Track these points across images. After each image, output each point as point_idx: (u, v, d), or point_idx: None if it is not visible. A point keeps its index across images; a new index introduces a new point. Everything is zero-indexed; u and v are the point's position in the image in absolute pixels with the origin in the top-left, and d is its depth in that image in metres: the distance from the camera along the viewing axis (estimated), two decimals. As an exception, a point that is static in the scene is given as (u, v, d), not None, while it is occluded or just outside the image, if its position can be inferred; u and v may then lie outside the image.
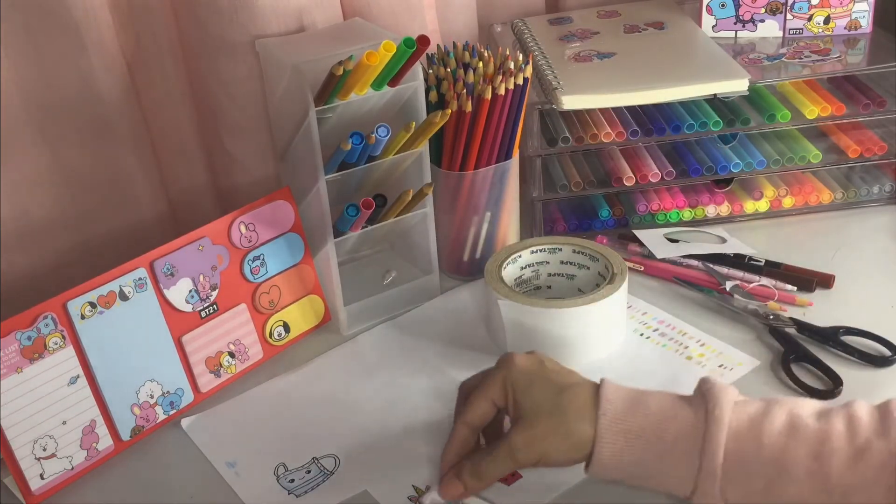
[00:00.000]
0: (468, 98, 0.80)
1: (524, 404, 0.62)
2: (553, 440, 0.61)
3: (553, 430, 0.61)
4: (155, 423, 0.74)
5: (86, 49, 0.77)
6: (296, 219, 0.81)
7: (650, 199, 0.97)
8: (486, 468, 0.63)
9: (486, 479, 0.63)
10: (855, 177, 0.99)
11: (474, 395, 0.65)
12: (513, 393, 0.63)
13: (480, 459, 0.63)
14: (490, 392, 0.65)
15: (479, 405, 0.65)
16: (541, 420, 0.61)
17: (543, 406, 0.62)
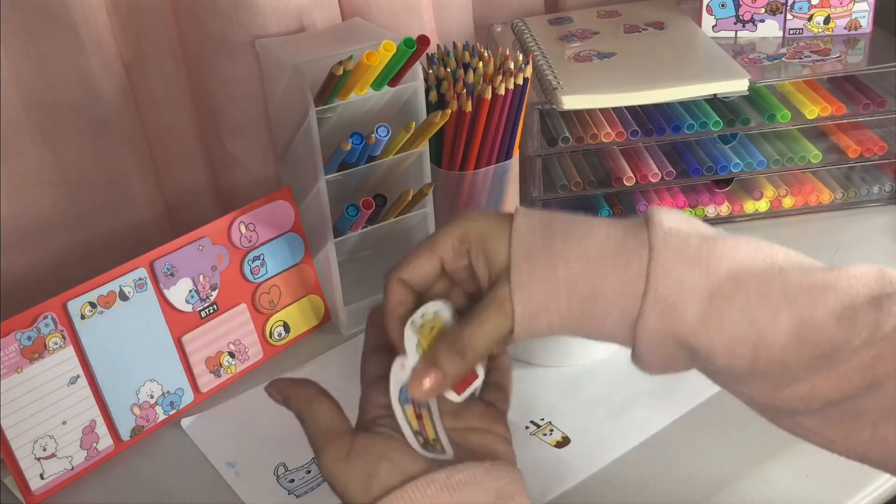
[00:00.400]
0: (468, 98, 0.80)
1: (499, 253, 0.51)
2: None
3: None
4: (155, 423, 0.74)
5: (85, 49, 0.77)
6: (296, 219, 0.81)
7: (650, 199, 0.97)
8: (471, 338, 0.50)
9: (472, 354, 0.50)
10: (855, 177, 0.99)
11: (415, 250, 0.53)
12: (481, 244, 0.52)
13: (459, 332, 0.50)
14: (440, 245, 0.52)
15: (421, 261, 0.53)
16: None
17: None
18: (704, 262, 0.49)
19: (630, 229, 0.50)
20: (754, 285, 0.48)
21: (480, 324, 0.50)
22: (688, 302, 0.48)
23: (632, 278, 0.49)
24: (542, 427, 0.72)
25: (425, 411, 0.52)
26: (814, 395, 0.47)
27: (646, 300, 0.48)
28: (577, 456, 0.69)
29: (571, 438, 0.71)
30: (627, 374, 0.76)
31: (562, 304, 0.50)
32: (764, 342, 0.47)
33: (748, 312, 0.47)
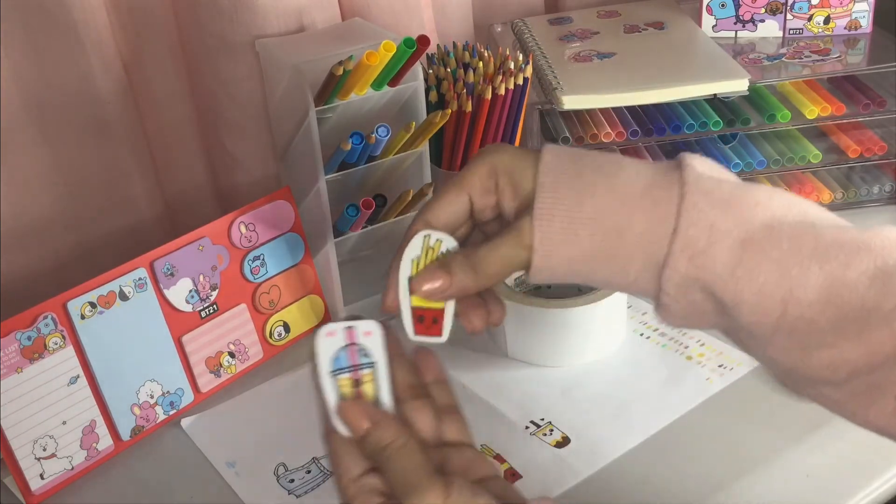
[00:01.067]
0: (468, 98, 0.80)
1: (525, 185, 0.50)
2: None
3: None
4: (155, 423, 0.74)
5: (85, 49, 0.77)
6: (296, 219, 0.81)
7: (650, 199, 0.96)
8: (485, 256, 0.50)
9: (484, 273, 0.50)
10: (855, 177, 0.99)
11: (441, 190, 0.52)
12: (509, 178, 0.51)
13: (474, 249, 0.50)
14: (467, 180, 0.51)
15: (449, 199, 0.51)
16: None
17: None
18: (738, 208, 0.47)
19: (661, 169, 0.49)
20: (787, 237, 0.46)
21: (498, 247, 0.49)
22: (719, 248, 0.47)
23: (661, 218, 0.47)
24: (542, 427, 0.72)
25: (368, 374, 0.49)
26: (840, 363, 0.46)
27: (675, 242, 0.47)
28: (577, 456, 0.69)
29: (571, 438, 0.71)
30: (627, 374, 0.76)
31: (583, 239, 0.48)
32: (793, 297, 0.46)
33: (780, 264, 0.46)
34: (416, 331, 0.52)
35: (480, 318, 0.52)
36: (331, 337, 0.49)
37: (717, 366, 0.76)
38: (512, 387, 0.76)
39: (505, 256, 0.50)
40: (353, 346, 0.49)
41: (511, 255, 0.49)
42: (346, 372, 0.49)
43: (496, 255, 0.49)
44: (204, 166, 0.91)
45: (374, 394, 0.49)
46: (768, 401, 0.72)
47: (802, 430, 0.69)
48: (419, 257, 0.51)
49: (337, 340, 0.49)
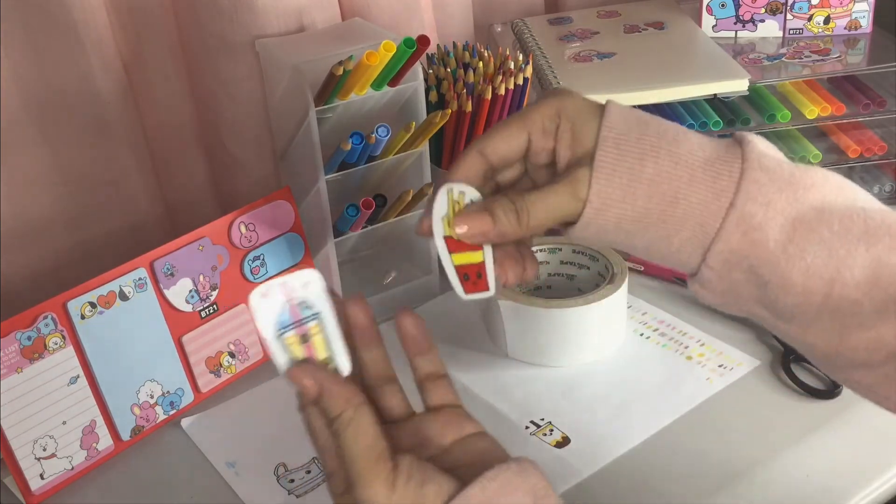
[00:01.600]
0: (468, 98, 0.80)
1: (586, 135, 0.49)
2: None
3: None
4: (155, 423, 0.74)
5: (85, 49, 0.77)
6: (296, 219, 0.81)
7: (650, 199, 0.96)
8: (532, 202, 0.49)
9: (528, 219, 0.49)
10: (855, 177, 0.99)
11: (502, 122, 0.51)
12: (571, 124, 0.50)
13: (522, 194, 0.49)
14: (531, 118, 0.50)
15: (509, 132, 0.50)
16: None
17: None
18: (794, 188, 0.48)
19: (723, 144, 0.49)
20: (837, 219, 0.47)
21: (547, 194, 0.48)
22: (773, 225, 0.47)
23: (719, 191, 0.48)
24: (542, 427, 0.72)
25: (315, 326, 0.47)
26: (879, 345, 0.46)
27: (730, 216, 0.47)
28: (577, 456, 0.69)
29: (571, 438, 0.71)
30: (627, 374, 0.76)
31: (639, 198, 0.48)
32: (840, 277, 0.46)
33: (829, 245, 0.47)
34: (465, 290, 0.51)
35: (515, 272, 0.51)
36: (266, 298, 0.46)
37: (717, 366, 0.76)
38: (512, 387, 0.76)
39: (555, 205, 0.49)
40: (292, 302, 0.47)
41: (562, 203, 0.49)
42: (290, 329, 0.47)
43: (545, 203, 0.48)
44: (204, 166, 0.91)
45: (325, 345, 0.47)
46: (768, 401, 0.72)
47: (802, 431, 0.69)
48: (447, 215, 0.51)
49: (273, 300, 0.46)
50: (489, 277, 0.52)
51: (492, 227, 0.49)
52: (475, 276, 0.51)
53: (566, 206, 0.49)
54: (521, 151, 0.51)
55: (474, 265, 0.51)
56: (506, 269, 0.51)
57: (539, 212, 0.49)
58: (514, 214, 0.49)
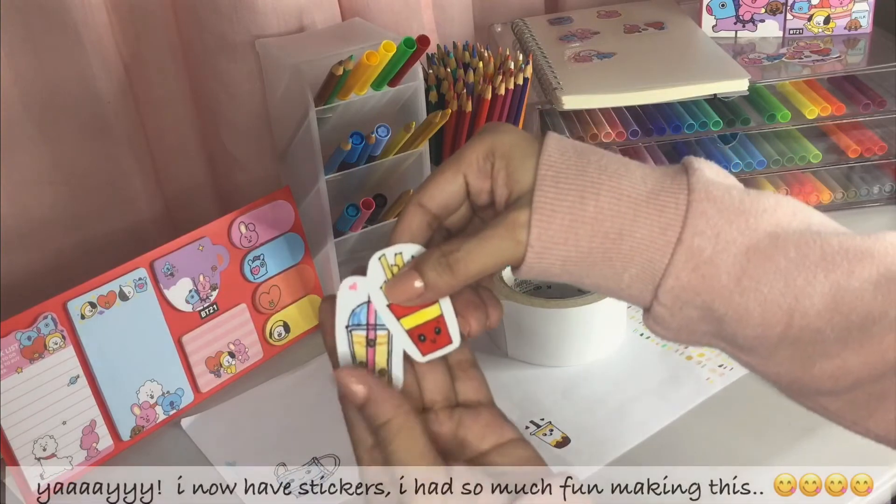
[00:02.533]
0: (468, 98, 0.80)
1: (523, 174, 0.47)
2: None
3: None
4: (155, 423, 0.74)
5: (85, 49, 0.77)
6: (296, 219, 0.81)
7: (650, 199, 0.96)
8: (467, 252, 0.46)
9: (463, 271, 0.46)
10: (855, 177, 0.99)
11: (439, 169, 0.48)
12: (506, 162, 0.47)
13: (456, 244, 0.46)
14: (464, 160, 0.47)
15: (444, 179, 0.48)
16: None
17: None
18: (745, 216, 0.45)
19: (668, 174, 0.47)
20: (793, 245, 0.45)
21: (483, 241, 0.45)
22: (724, 257, 0.45)
23: (665, 225, 0.45)
24: (542, 427, 0.72)
25: (383, 335, 0.47)
26: (844, 373, 0.45)
27: (678, 252, 0.45)
28: (577, 456, 0.69)
29: (571, 438, 0.71)
30: (627, 374, 0.76)
31: (582, 238, 0.46)
32: (799, 307, 0.44)
33: (785, 274, 0.45)
34: (422, 351, 0.48)
35: (478, 320, 0.49)
36: (353, 291, 0.47)
37: (717, 366, 0.76)
38: (512, 387, 0.76)
39: (493, 252, 0.46)
40: (373, 305, 0.47)
41: (501, 250, 0.46)
42: (361, 328, 0.47)
43: (482, 251, 0.46)
44: (204, 166, 0.91)
45: (385, 358, 0.47)
46: (768, 401, 0.72)
47: (802, 431, 0.69)
48: (386, 281, 0.48)
49: (359, 295, 0.47)
50: (451, 329, 0.48)
51: (422, 290, 0.46)
52: (433, 333, 0.48)
53: (506, 253, 0.46)
54: (461, 196, 0.48)
55: (430, 322, 0.48)
56: (468, 318, 0.49)
57: (476, 261, 0.46)
58: (445, 269, 0.46)
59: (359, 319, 0.47)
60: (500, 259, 0.46)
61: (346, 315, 0.47)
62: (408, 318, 0.48)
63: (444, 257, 0.46)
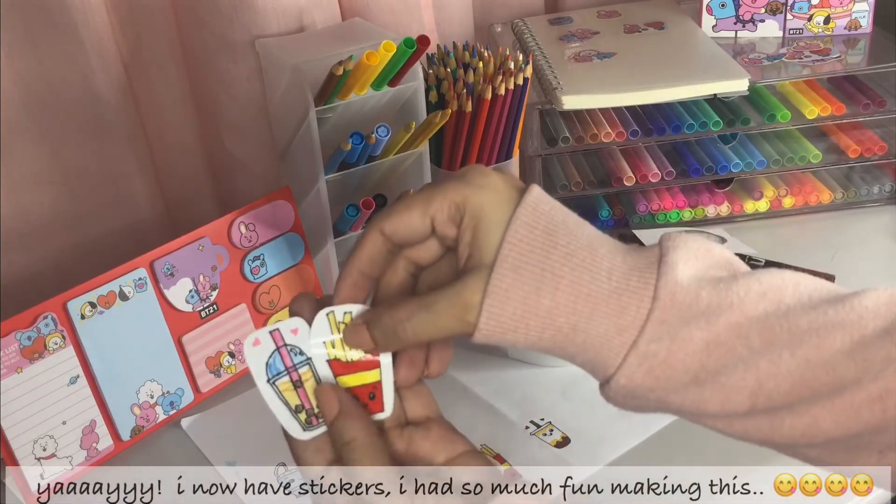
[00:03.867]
0: (468, 98, 0.80)
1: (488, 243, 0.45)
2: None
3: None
4: (155, 423, 0.74)
5: (85, 49, 0.77)
6: (296, 219, 0.81)
7: (650, 199, 0.97)
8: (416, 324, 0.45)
9: (408, 340, 0.46)
10: (855, 177, 0.99)
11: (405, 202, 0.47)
12: (475, 222, 0.46)
13: (407, 310, 0.46)
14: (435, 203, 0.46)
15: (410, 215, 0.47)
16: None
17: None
18: (708, 315, 0.44)
19: (636, 270, 0.45)
20: (756, 333, 0.44)
21: (436, 313, 0.45)
22: (681, 356, 0.44)
23: (623, 328, 0.44)
24: (542, 427, 0.72)
25: (307, 372, 0.47)
26: (815, 431, 0.44)
27: (631, 354, 0.44)
28: (577, 456, 0.69)
29: (571, 438, 0.71)
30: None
31: (533, 330, 0.45)
32: (763, 390, 0.44)
33: (746, 361, 0.44)
34: None
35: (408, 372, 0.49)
36: (258, 346, 0.47)
37: (717, 366, 0.76)
38: (512, 387, 0.76)
39: (441, 327, 0.45)
40: (283, 349, 0.47)
41: (448, 327, 0.45)
42: (283, 375, 0.48)
43: (431, 325, 0.45)
44: (204, 166, 0.91)
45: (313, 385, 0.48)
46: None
47: (802, 430, 0.69)
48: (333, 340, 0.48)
49: (265, 347, 0.47)
50: (385, 397, 0.48)
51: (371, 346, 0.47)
52: (367, 398, 0.48)
53: (454, 329, 0.45)
54: (425, 235, 0.47)
55: (367, 386, 0.48)
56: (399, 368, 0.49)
57: (422, 333, 0.46)
58: (392, 335, 0.46)
59: (276, 369, 0.48)
60: (447, 334, 0.46)
61: (263, 371, 0.47)
62: (346, 378, 0.48)
63: (392, 322, 0.46)
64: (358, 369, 0.48)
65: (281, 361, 0.47)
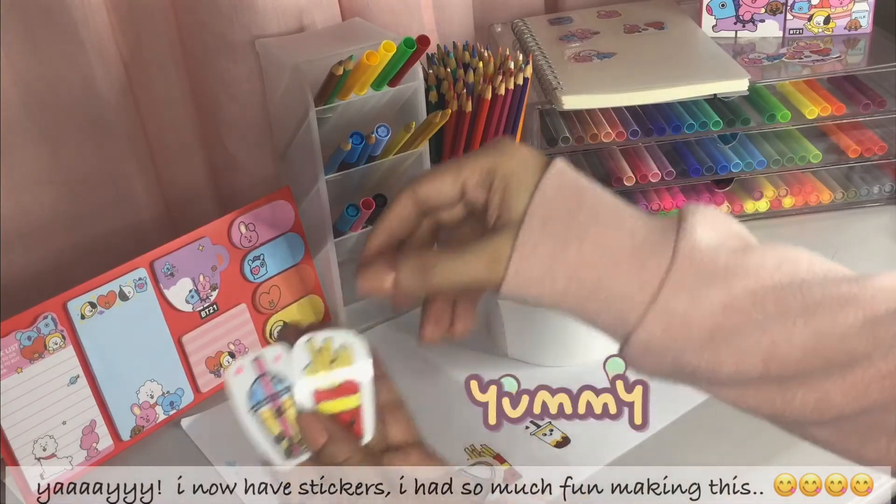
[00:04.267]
0: (468, 98, 0.80)
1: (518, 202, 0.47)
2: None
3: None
4: (155, 423, 0.74)
5: (85, 49, 0.77)
6: (296, 219, 0.81)
7: (650, 199, 0.97)
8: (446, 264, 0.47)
9: (436, 280, 0.47)
10: (855, 177, 0.99)
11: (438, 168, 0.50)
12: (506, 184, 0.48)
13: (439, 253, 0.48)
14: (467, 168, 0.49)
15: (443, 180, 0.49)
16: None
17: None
18: (726, 278, 0.46)
19: (658, 229, 0.47)
20: (772, 301, 0.45)
21: (465, 261, 0.47)
22: (697, 315, 0.46)
23: (643, 284, 0.46)
24: (542, 427, 0.72)
25: (288, 400, 0.48)
26: (826, 405, 0.45)
27: (651, 309, 0.46)
28: (577, 456, 0.69)
29: (571, 438, 0.71)
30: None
31: (559, 282, 0.47)
32: (776, 354, 0.45)
33: (761, 325, 0.45)
34: None
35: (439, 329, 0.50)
36: (240, 374, 0.48)
37: (717, 366, 0.76)
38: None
39: (467, 274, 0.47)
40: (265, 377, 0.48)
41: (477, 275, 0.47)
42: (265, 404, 0.48)
43: (457, 269, 0.47)
44: (204, 166, 0.91)
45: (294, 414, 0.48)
46: (768, 401, 0.72)
47: (802, 430, 0.69)
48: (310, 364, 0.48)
49: (247, 375, 0.48)
50: (365, 423, 0.49)
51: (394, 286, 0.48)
52: (347, 424, 0.49)
53: (481, 278, 0.47)
54: (455, 199, 0.50)
55: (348, 412, 0.49)
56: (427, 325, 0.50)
57: (450, 278, 0.47)
58: (420, 274, 0.47)
59: (258, 397, 0.48)
60: (474, 282, 0.48)
61: (245, 400, 0.48)
62: (328, 404, 0.48)
63: (422, 261, 0.48)
64: (339, 395, 0.48)
65: (263, 390, 0.48)
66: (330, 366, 0.48)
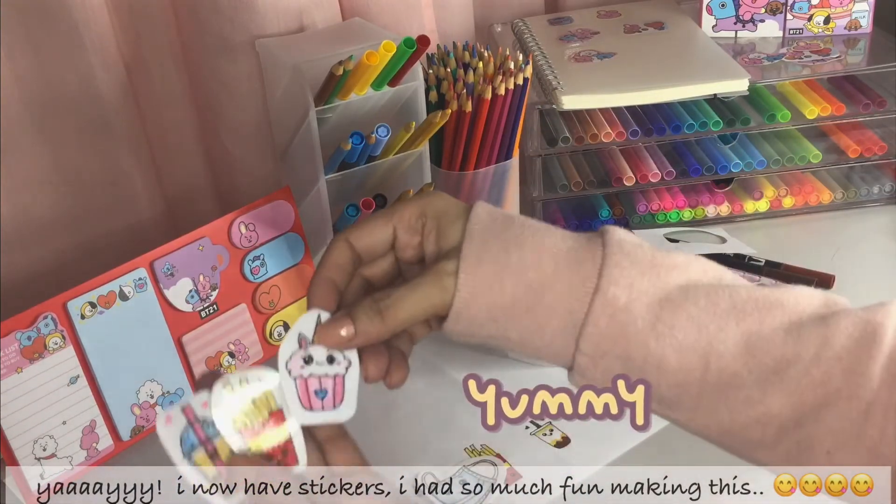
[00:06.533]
0: (468, 98, 0.80)
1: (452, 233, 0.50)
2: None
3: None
4: (155, 423, 0.74)
5: (86, 49, 0.77)
6: (296, 219, 0.81)
7: (650, 199, 0.97)
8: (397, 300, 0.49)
9: (393, 319, 0.48)
10: (855, 177, 0.99)
11: (371, 216, 0.52)
12: (437, 222, 0.51)
13: (387, 292, 0.49)
14: (397, 214, 0.52)
15: (374, 224, 0.52)
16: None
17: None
18: (656, 269, 0.49)
19: (584, 236, 0.52)
20: (703, 295, 0.48)
21: (412, 289, 0.48)
22: (638, 305, 0.48)
23: (584, 278, 0.49)
24: (542, 427, 0.72)
25: (221, 441, 0.49)
26: (768, 419, 0.48)
27: (595, 300, 0.48)
28: (577, 456, 0.69)
29: (571, 438, 0.71)
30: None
31: (507, 286, 0.49)
32: (714, 351, 0.47)
33: (697, 321, 0.48)
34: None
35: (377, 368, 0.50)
36: (169, 424, 0.48)
37: (717, 366, 0.76)
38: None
39: (421, 298, 0.49)
40: (196, 424, 0.48)
41: (429, 296, 0.49)
42: (199, 448, 0.49)
43: (410, 300, 0.48)
44: (204, 166, 0.91)
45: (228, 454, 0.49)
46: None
47: (802, 430, 0.69)
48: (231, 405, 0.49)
49: (177, 424, 0.48)
50: (298, 450, 0.50)
51: (354, 335, 0.48)
52: (280, 455, 0.50)
53: (434, 299, 0.49)
54: (387, 244, 0.52)
55: (279, 445, 0.49)
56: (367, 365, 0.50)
57: (405, 308, 0.49)
58: (376, 315, 0.48)
59: (192, 443, 0.48)
60: (428, 306, 0.49)
61: (178, 448, 0.48)
62: (258, 440, 0.49)
63: (375, 304, 0.49)
64: (265, 429, 0.49)
65: (195, 435, 0.49)
66: (251, 404, 0.49)
